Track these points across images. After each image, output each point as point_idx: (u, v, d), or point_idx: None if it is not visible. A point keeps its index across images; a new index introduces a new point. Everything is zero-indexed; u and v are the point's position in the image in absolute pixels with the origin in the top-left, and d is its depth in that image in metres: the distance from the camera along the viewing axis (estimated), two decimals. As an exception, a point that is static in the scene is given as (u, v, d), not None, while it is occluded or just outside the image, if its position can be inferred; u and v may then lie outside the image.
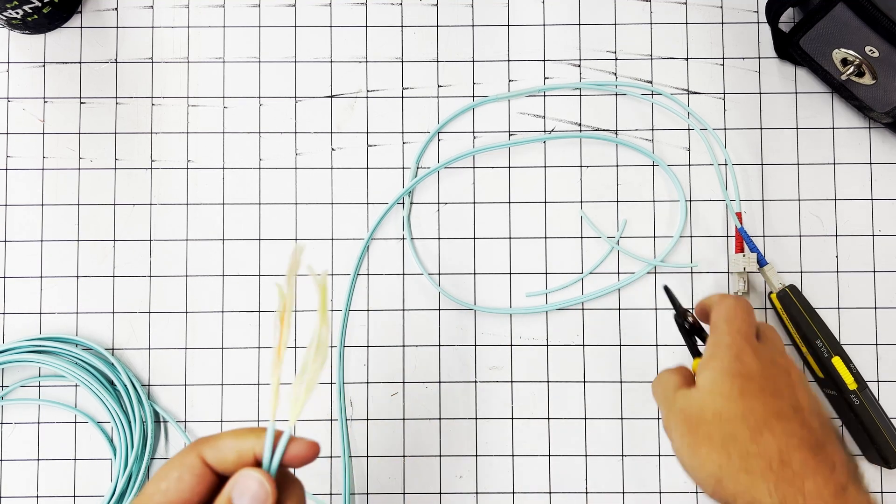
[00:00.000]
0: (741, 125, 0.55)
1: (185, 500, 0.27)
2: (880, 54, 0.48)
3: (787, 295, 0.52)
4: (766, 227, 0.55)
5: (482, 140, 0.56)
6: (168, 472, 0.28)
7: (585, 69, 0.56)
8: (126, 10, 0.56)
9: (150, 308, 0.55)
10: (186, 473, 0.28)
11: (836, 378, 0.51)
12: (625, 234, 0.55)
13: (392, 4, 0.56)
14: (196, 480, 0.28)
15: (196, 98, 0.56)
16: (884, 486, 0.53)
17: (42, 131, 0.56)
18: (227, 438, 0.28)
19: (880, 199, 0.55)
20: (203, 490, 0.28)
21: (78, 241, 0.55)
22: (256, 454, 0.28)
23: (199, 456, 0.28)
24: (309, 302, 0.55)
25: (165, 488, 0.27)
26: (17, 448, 0.54)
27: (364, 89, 0.56)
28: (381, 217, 0.55)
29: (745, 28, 0.56)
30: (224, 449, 0.28)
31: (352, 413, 0.54)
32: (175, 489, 0.27)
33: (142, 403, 0.53)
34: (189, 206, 0.55)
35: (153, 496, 0.27)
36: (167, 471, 0.28)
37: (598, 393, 0.54)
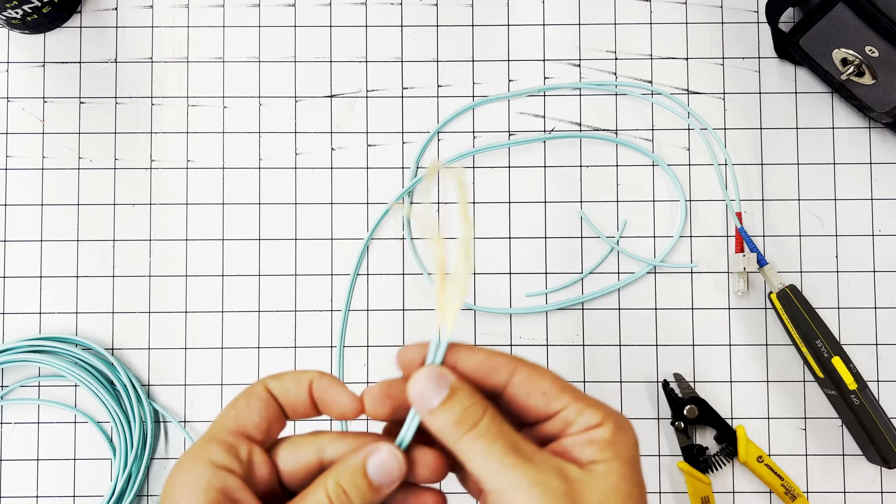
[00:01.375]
0: (741, 125, 0.55)
1: (255, 424, 0.29)
2: (880, 54, 0.48)
3: (787, 295, 0.52)
4: (766, 226, 0.55)
5: (482, 140, 0.56)
6: (237, 402, 0.29)
7: (585, 69, 0.56)
8: (126, 9, 0.56)
9: (149, 308, 0.55)
10: (254, 399, 0.29)
11: (835, 378, 0.51)
12: (625, 234, 0.55)
13: (392, 4, 0.56)
14: (263, 405, 0.29)
15: (196, 98, 0.56)
16: (884, 487, 0.53)
17: (42, 131, 0.56)
18: (291, 373, 0.30)
19: (880, 198, 0.55)
20: (270, 416, 0.29)
21: (77, 241, 0.55)
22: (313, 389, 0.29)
23: (265, 386, 0.30)
24: (309, 302, 0.55)
25: (235, 415, 0.29)
26: (17, 448, 0.54)
27: (364, 89, 0.56)
28: (380, 217, 0.55)
29: (744, 28, 0.56)
30: (287, 379, 0.30)
31: (351, 413, 0.54)
32: (244, 414, 0.29)
33: (141, 403, 0.53)
34: (189, 205, 0.55)
35: (224, 423, 0.29)
36: (236, 400, 0.29)
37: (598, 393, 0.54)
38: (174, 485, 0.27)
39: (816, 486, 0.53)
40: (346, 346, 0.54)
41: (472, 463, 0.27)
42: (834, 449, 0.54)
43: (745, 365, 0.54)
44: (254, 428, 0.29)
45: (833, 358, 0.51)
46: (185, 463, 0.28)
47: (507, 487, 0.26)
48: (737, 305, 0.54)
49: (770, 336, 0.54)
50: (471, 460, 0.27)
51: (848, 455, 0.54)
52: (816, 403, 0.54)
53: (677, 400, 0.53)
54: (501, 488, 0.27)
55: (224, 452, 0.28)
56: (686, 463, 0.52)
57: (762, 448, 0.53)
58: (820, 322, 0.52)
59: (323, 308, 0.55)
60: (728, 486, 0.53)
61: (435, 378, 0.28)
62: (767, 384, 0.54)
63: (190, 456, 0.28)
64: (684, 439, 0.53)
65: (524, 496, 0.26)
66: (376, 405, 0.29)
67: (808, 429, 0.54)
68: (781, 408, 0.54)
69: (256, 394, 0.29)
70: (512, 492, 0.26)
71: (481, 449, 0.27)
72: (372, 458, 0.28)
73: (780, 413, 0.54)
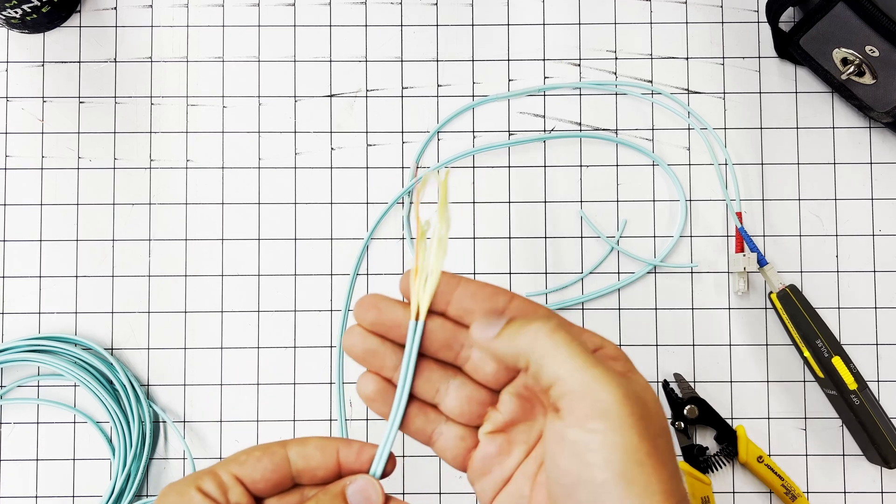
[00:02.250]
0: (741, 125, 0.55)
1: (253, 480, 0.30)
2: (880, 54, 0.48)
3: (788, 295, 0.52)
4: (766, 226, 0.55)
5: (482, 140, 0.56)
6: (252, 451, 0.30)
7: (585, 68, 0.56)
8: (125, 9, 0.56)
9: (149, 308, 0.55)
10: (267, 458, 0.30)
11: (836, 378, 0.51)
12: (625, 234, 0.55)
13: (391, 4, 0.56)
14: (272, 468, 0.30)
15: (195, 97, 0.56)
16: (884, 487, 0.53)
17: (41, 131, 0.56)
18: (316, 438, 0.31)
19: (880, 198, 0.55)
20: (273, 479, 0.30)
21: (77, 241, 0.55)
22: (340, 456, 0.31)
23: (284, 449, 0.30)
24: (309, 302, 0.55)
25: (244, 460, 0.30)
26: (16, 448, 0.54)
27: (364, 89, 0.56)
28: (380, 217, 0.55)
29: (745, 27, 0.56)
30: (311, 445, 0.31)
31: (351, 413, 0.54)
32: (251, 466, 0.30)
33: (141, 403, 0.53)
34: (188, 205, 0.55)
35: (230, 464, 0.30)
36: (252, 449, 0.30)
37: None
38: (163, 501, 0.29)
39: (817, 486, 0.53)
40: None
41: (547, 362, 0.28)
42: (834, 449, 0.54)
43: (746, 365, 0.54)
44: (251, 482, 0.30)
45: (833, 358, 0.51)
46: (178, 484, 0.30)
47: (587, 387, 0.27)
48: (737, 305, 0.54)
49: (770, 336, 0.54)
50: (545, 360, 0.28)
51: (848, 455, 0.54)
52: (817, 403, 0.54)
53: (677, 400, 0.53)
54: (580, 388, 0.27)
55: (216, 487, 0.29)
56: (686, 463, 0.52)
57: (762, 448, 0.53)
58: (820, 322, 0.52)
59: (323, 308, 0.55)
60: (728, 487, 0.53)
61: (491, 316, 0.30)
62: (768, 384, 0.54)
63: (186, 479, 0.30)
64: (684, 439, 0.53)
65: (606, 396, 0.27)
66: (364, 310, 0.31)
67: (808, 429, 0.54)
68: (782, 408, 0.54)
69: (272, 454, 0.30)
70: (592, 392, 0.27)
71: (561, 344, 0.28)
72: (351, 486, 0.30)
73: (780, 413, 0.54)
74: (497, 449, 0.31)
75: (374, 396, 0.32)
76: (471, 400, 0.32)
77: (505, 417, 0.31)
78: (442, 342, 0.32)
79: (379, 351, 0.32)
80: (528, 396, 0.31)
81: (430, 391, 0.32)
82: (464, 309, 0.32)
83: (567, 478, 0.27)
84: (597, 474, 0.26)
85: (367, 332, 0.32)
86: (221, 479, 0.29)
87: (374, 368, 0.32)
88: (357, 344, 0.32)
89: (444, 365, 0.33)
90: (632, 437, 0.26)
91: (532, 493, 0.30)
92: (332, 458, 0.31)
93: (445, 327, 0.32)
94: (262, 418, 0.54)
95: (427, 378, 0.32)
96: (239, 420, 0.54)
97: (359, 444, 0.31)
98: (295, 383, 0.54)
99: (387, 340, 0.32)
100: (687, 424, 0.53)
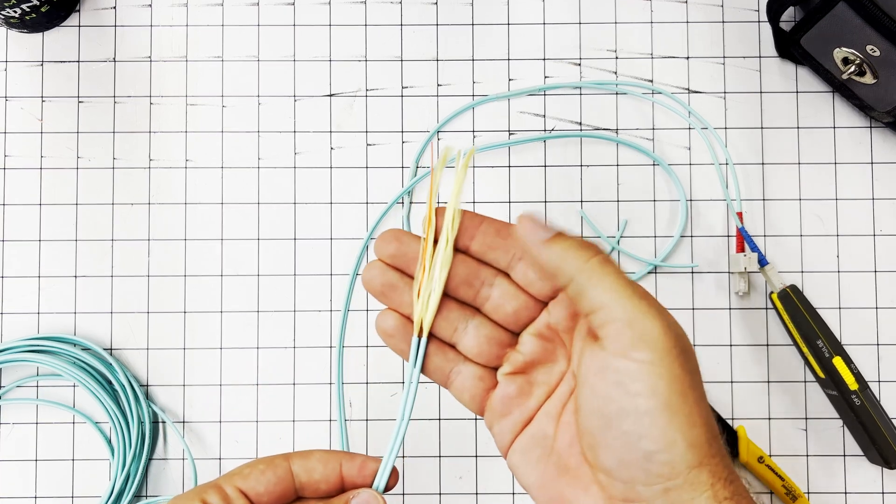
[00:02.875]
0: (742, 124, 0.55)
1: (257, 493, 0.30)
2: (881, 53, 0.48)
3: (788, 295, 0.52)
4: (766, 226, 0.55)
5: (482, 139, 0.55)
6: (256, 464, 0.30)
7: (586, 68, 0.56)
8: (124, 8, 0.56)
9: (148, 308, 0.55)
10: (270, 471, 0.30)
11: (836, 378, 0.51)
12: (625, 234, 0.55)
13: (391, 3, 0.56)
14: (276, 481, 0.30)
15: (194, 97, 0.56)
16: (885, 487, 0.53)
17: (40, 130, 0.56)
18: (318, 451, 0.31)
19: (881, 198, 0.55)
20: (277, 492, 0.30)
21: (76, 241, 0.55)
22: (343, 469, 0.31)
23: (288, 462, 0.31)
24: (308, 302, 0.55)
25: (247, 473, 0.30)
26: (15, 448, 0.54)
27: (363, 88, 0.56)
28: (380, 217, 0.55)
29: (745, 27, 0.56)
30: (313, 458, 0.31)
31: (351, 413, 0.54)
32: (255, 478, 0.30)
33: (140, 403, 0.53)
34: (187, 205, 0.55)
35: (234, 477, 0.30)
36: (256, 462, 0.31)
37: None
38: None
39: (817, 486, 0.53)
40: (345, 346, 0.54)
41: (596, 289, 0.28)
42: (835, 449, 0.54)
43: (746, 365, 0.54)
44: (255, 495, 0.30)
45: (834, 358, 0.51)
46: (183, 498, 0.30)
47: (635, 317, 0.27)
48: (737, 305, 0.54)
49: (771, 336, 0.54)
50: (594, 286, 0.28)
51: (849, 455, 0.53)
52: (817, 404, 0.54)
53: None
54: (628, 317, 0.27)
55: (220, 501, 0.29)
56: None
57: (763, 448, 0.53)
58: (821, 322, 0.52)
59: (322, 308, 0.54)
60: (729, 487, 0.53)
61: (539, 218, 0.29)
62: (768, 384, 0.54)
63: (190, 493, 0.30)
64: None
65: (653, 328, 0.27)
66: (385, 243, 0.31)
67: (808, 429, 0.54)
68: (782, 408, 0.54)
69: (275, 467, 0.30)
70: (640, 322, 0.27)
71: (610, 273, 0.28)
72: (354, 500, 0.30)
73: (780, 413, 0.54)
74: (517, 390, 0.31)
75: (392, 332, 0.32)
76: (490, 340, 0.32)
77: (525, 358, 0.31)
78: (462, 278, 0.31)
79: (398, 285, 0.31)
80: (549, 337, 0.31)
81: (449, 330, 0.32)
82: (487, 245, 0.31)
83: (609, 407, 0.27)
84: (641, 403, 0.27)
85: (387, 265, 0.31)
86: (226, 493, 0.30)
87: (394, 305, 0.32)
88: (376, 277, 0.31)
89: (462, 305, 0.32)
90: (675, 368, 0.27)
91: (557, 433, 0.30)
92: (334, 472, 0.31)
93: (467, 263, 0.32)
94: (261, 418, 0.54)
95: (445, 317, 0.32)
96: (239, 420, 0.54)
97: (361, 457, 0.31)
98: (295, 383, 0.54)
99: (406, 275, 0.32)
100: (687, 425, 0.52)
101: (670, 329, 0.27)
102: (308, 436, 0.54)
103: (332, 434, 0.54)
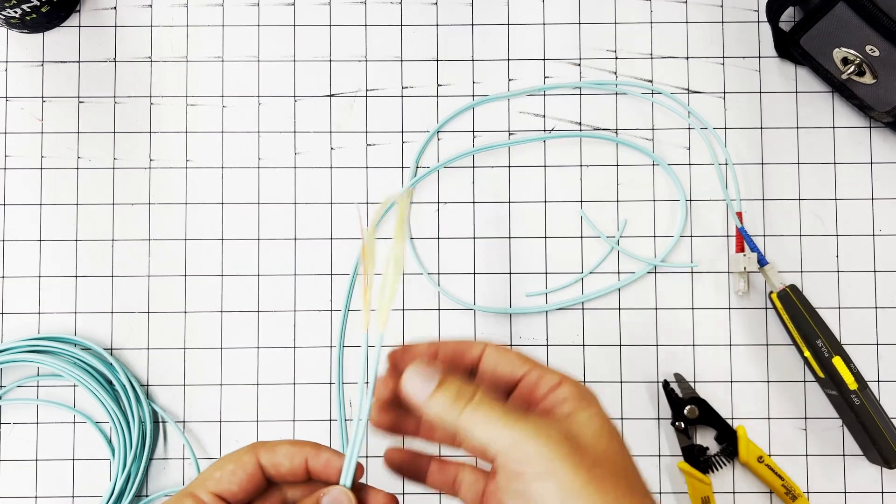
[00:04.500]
0: (741, 124, 0.55)
1: (232, 493, 0.31)
2: (881, 53, 0.48)
3: (788, 295, 0.52)
4: (766, 226, 0.55)
5: (482, 139, 0.55)
6: (224, 464, 0.31)
7: (585, 68, 0.56)
8: (125, 9, 0.56)
9: (148, 308, 0.55)
10: (240, 469, 0.31)
11: (836, 378, 0.51)
12: (625, 234, 0.55)
13: (391, 3, 0.56)
14: (247, 478, 0.31)
15: (195, 97, 0.56)
16: (884, 487, 0.53)
17: (40, 130, 0.56)
18: (285, 445, 0.32)
19: (881, 198, 0.55)
20: (250, 488, 0.31)
21: (76, 241, 0.55)
22: (309, 465, 0.32)
23: (255, 456, 0.31)
24: (308, 302, 0.55)
25: (219, 477, 0.31)
26: (15, 448, 0.54)
27: (363, 88, 0.56)
28: (380, 217, 0.55)
29: (745, 27, 0.56)
30: (280, 453, 0.31)
31: (350, 413, 0.54)
32: (227, 480, 0.31)
33: (140, 403, 0.53)
34: (188, 205, 0.55)
35: (206, 481, 0.31)
36: (223, 462, 0.31)
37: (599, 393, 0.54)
38: None
39: (817, 486, 0.53)
40: (345, 346, 0.54)
41: (475, 432, 0.30)
42: (834, 449, 0.54)
43: (746, 365, 0.54)
44: (231, 495, 0.31)
45: (834, 358, 0.51)
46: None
47: (514, 443, 0.29)
48: (737, 305, 0.54)
49: (770, 336, 0.54)
50: (473, 430, 0.30)
51: (848, 455, 0.53)
52: (817, 403, 0.54)
53: (677, 400, 0.53)
54: (507, 446, 0.29)
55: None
56: (686, 463, 0.52)
57: (763, 448, 0.53)
58: (820, 322, 0.52)
59: (322, 308, 0.54)
60: (728, 487, 0.53)
61: (423, 371, 0.31)
62: (768, 384, 0.54)
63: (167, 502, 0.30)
64: (685, 439, 0.53)
65: (531, 447, 0.29)
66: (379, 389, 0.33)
67: (808, 429, 0.54)
68: (782, 408, 0.54)
69: (244, 465, 0.31)
70: (519, 447, 0.29)
71: (482, 416, 0.30)
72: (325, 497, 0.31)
73: (780, 413, 0.54)
74: None
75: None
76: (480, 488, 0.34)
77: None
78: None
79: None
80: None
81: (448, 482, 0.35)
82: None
83: None
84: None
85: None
86: (202, 500, 0.30)
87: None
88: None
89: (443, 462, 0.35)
90: (563, 474, 0.28)
91: None
92: (300, 466, 0.32)
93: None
94: (261, 418, 0.54)
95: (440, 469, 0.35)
96: (239, 420, 0.54)
97: (327, 453, 0.32)
98: (295, 383, 0.54)
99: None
100: (687, 424, 0.53)
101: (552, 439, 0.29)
102: (308, 436, 0.54)
103: (332, 433, 0.54)
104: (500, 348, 0.33)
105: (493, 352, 0.33)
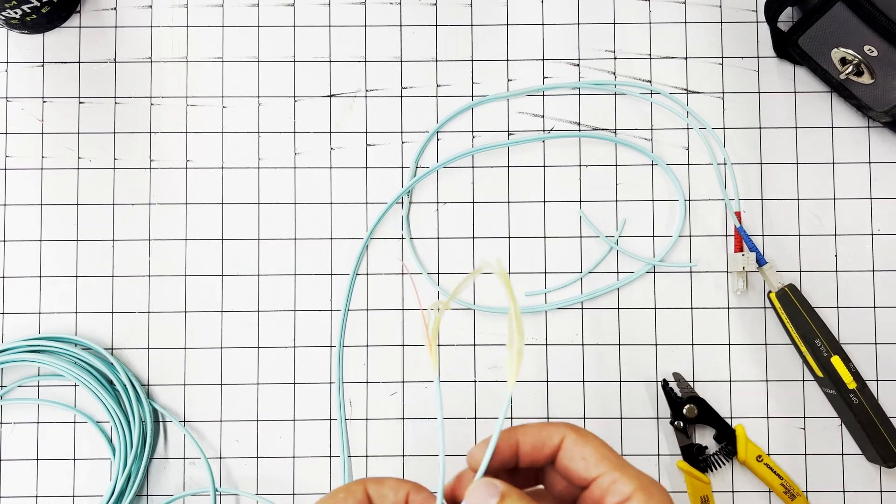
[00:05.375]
0: (740, 124, 0.55)
1: None
2: (879, 53, 0.48)
3: (787, 294, 0.52)
4: (765, 226, 0.55)
5: (481, 139, 0.56)
6: (336, 494, 0.32)
7: (584, 68, 0.56)
8: (125, 9, 0.56)
9: (149, 308, 0.55)
10: (350, 499, 0.32)
11: (835, 377, 0.51)
12: (624, 234, 0.55)
13: (391, 4, 0.56)
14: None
15: (195, 98, 0.56)
16: (883, 486, 0.53)
17: (41, 131, 0.56)
18: (391, 480, 0.33)
19: (879, 198, 0.55)
20: None
21: (77, 241, 0.55)
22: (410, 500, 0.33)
23: (363, 487, 0.33)
24: (308, 302, 0.55)
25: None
26: (16, 448, 0.54)
27: (363, 89, 0.56)
28: (380, 217, 0.55)
29: (743, 27, 0.56)
30: (386, 486, 0.33)
31: (351, 413, 0.54)
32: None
33: (141, 403, 0.53)
34: (188, 205, 0.55)
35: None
36: (336, 492, 0.32)
37: (598, 393, 0.54)
38: None
39: (815, 485, 0.53)
40: (345, 346, 0.54)
41: None
42: (833, 448, 0.54)
43: (745, 364, 0.54)
44: None
45: (832, 357, 0.51)
46: None
47: None
48: (736, 305, 0.54)
49: (769, 335, 0.54)
50: None
51: (847, 454, 0.54)
52: (815, 403, 0.54)
53: (676, 399, 0.53)
54: None
55: None
56: (685, 462, 0.52)
57: (761, 447, 0.53)
58: (819, 321, 0.52)
59: (322, 308, 0.55)
60: (727, 486, 0.53)
61: (486, 487, 0.31)
62: (767, 383, 0.54)
63: None
64: (684, 439, 0.53)
65: None
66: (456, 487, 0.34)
67: (807, 428, 0.54)
68: (781, 407, 0.54)
69: (354, 493, 0.32)
70: None
71: None
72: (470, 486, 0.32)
73: (779, 412, 0.54)
74: None
75: None
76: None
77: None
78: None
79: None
80: None
81: None
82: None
83: None
84: None
85: None
86: None
87: None
88: None
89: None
90: None
91: None
92: (402, 500, 0.33)
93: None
94: (261, 418, 0.54)
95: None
96: (239, 420, 0.54)
97: (426, 493, 0.33)
98: (295, 383, 0.54)
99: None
100: (686, 424, 0.53)
101: None
102: (308, 435, 0.54)
103: (332, 433, 0.54)
104: (580, 435, 0.32)
105: (571, 443, 0.32)
